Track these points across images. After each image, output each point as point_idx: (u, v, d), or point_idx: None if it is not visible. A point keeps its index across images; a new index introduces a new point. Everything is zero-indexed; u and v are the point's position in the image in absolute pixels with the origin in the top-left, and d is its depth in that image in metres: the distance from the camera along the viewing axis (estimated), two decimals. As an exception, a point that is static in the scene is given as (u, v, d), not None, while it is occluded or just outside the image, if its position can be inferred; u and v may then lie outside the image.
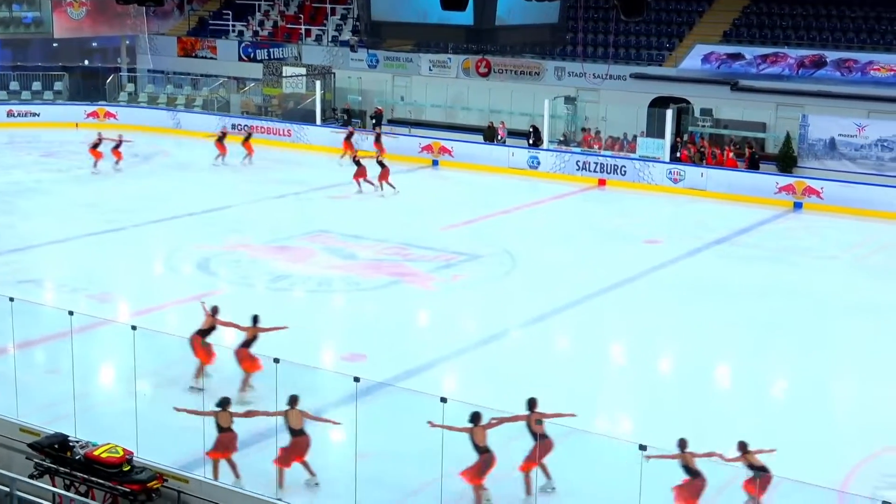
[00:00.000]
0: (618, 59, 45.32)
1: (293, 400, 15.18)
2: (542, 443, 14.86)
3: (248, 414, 15.76)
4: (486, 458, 14.53)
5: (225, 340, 19.24)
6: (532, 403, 15.19)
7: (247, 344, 18.63)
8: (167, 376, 18.91)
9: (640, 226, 32.24)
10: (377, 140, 40.13)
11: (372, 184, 34.93)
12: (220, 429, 15.32)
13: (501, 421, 14.79)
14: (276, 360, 14.90)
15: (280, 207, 33.39)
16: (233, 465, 15.33)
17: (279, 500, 14.31)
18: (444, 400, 14.07)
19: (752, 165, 38.34)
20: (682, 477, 14.19)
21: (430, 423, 14.02)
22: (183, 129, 46.76)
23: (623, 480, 13.52)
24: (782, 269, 27.66)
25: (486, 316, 23.69)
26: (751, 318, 23.46)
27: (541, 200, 35.45)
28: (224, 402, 15.42)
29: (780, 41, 43.58)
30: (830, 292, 25.60)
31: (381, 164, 35.38)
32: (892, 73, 39.94)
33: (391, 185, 34.96)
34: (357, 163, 35.49)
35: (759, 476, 14.06)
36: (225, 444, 15.32)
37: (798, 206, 34.97)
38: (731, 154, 38.82)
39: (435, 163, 41.57)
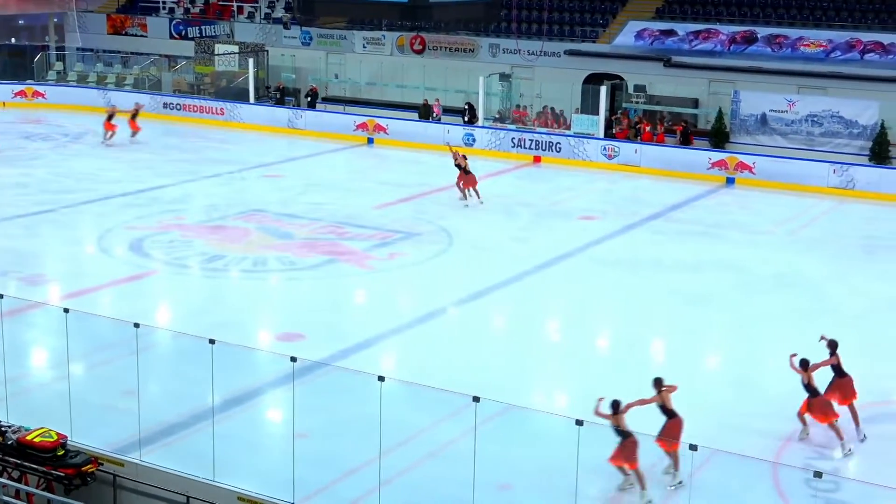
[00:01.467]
0: (552, 36, 45.43)
1: None
2: (674, 420, 15.11)
3: None
4: (631, 440, 14.58)
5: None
6: (658, 382, 15.43)
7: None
8: (100, 359, 18.67)
9: (575, 202, 32.40)
10: None
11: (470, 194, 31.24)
12: None
13: (633, 405, 15.06)
14: (212, 341, 14.78)
15: (214, 187, 33.07)
16: None
17: (215, 481, 14.22)
18: (381, 378, 14.06)
19: (685, 141, 38.67)
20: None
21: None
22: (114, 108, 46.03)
23: (561, 455, 13.59)
24: (715, 243, 27.96)
25: (423, 294, 23.69)
26: (685, 293, 23.69)
27: (478, 178, 35.47)
28: None
29: (712, 17, 43.94)
30: (763, 266, 25.92)
31: (465, 170, 31.13)
32: (821, 48, 40.47)
33: (477, 193, 31.12)
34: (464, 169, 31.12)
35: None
36: None
37: (731, 181, 35.34)
38: (661, 129, 39.11)
39: (370, 141, 41.41)
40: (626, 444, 14.55)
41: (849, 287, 24.52)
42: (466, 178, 31.13)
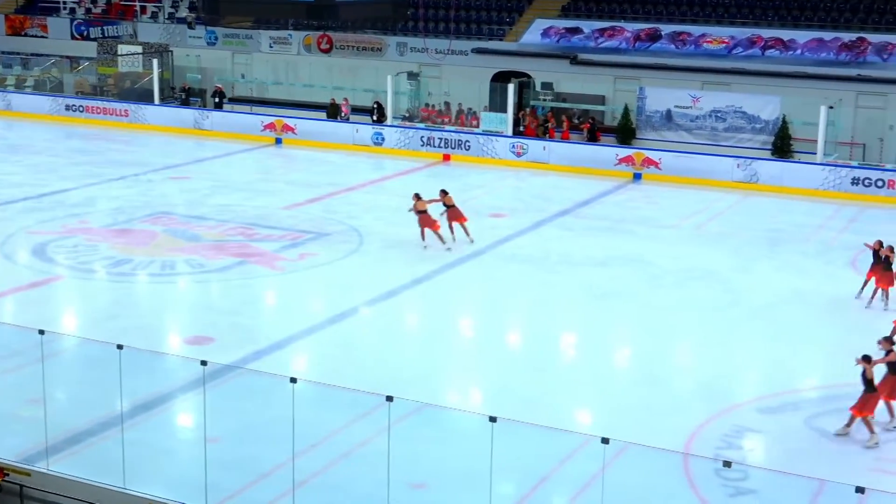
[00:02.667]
0: (459, 34, 45.60)
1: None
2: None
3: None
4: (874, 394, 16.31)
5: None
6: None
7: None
8: (4, 367, 18.26)
9: (485, 200, 32.52)
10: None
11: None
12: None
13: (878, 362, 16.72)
14: (120, 347, 14.55)
15: (119, 189, 32.53)
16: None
17: (126, 489, 14.00)
18: (293, 380, 13.98)
19: (592, 138, 39.06)
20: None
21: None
22: (14, 110, 45.13)
23: (475, 452, 13.63)
24: (623, 238, 28.28)
25: (334, 294, 23.58)
26: (594, 288, 23.93)
27: (386, 177, 35.45)
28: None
29: (617, 15, 44.46)
30: (670, 260, 26.29)
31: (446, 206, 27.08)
32: (723, 45, 41.20)
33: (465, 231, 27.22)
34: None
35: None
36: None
37: (637, 176, 35.79)
38: (566, 126, 39.49)
39: (278, 141, 41.13)
40: (870, 397, 16.23)
41: (754, 279, 24.98)
42: (451, 212, 26.90)
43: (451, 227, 26.78)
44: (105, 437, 15.61)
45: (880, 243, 22.87)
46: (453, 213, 26.88)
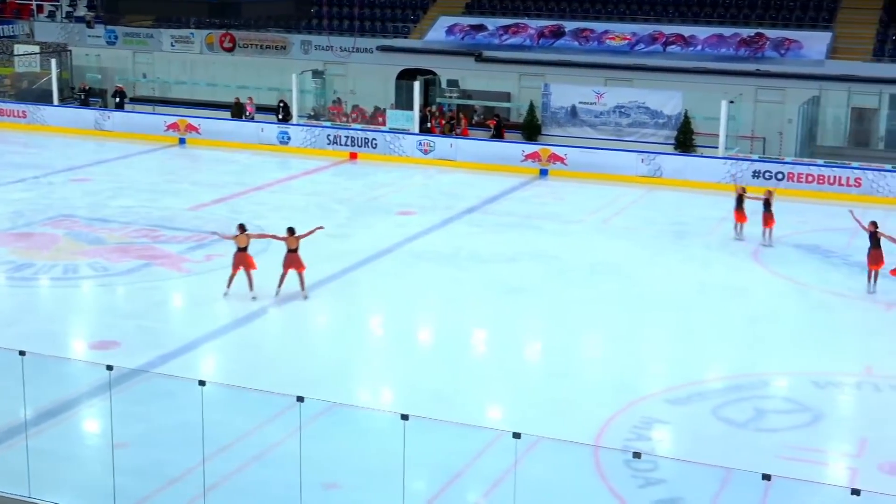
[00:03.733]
0: (364, 32, 45.50)
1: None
2: None
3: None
4: None
5: None
6: None
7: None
8: None
9: (393, 197, 32.49)
10: None
11: None
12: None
13: None
14: (22, 353, 14.23)
15: (18, 193, 31.82)
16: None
17: (32, 497, 13.69)
18: (202, 383, 13.81)
19: (498, 135, 39.25)
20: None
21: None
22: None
23: (387, 450, 13.59)
24: (531, 234, 28.47)
25: (242, 295, 23.31)
26: (503, 284, 24.04)
27: (293, 176, 35.20)
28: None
29: (521, 12, 44.75)
30: (577, 255, 26.54)
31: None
32: (626, 41, 41.70)
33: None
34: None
35: None
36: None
37: (544, 172, 36.05)
38: (465, 123, 39.72)
39: (182, 141, 40.60)
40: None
41: (660, 272, 25.33)
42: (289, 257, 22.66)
43: (283, 276, 22.49)
44: (9, 446, 15.25)
45: (875, 224, 24.15)
46: (291, 258, 22.50)
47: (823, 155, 36.53)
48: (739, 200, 28.03)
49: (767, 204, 27.68)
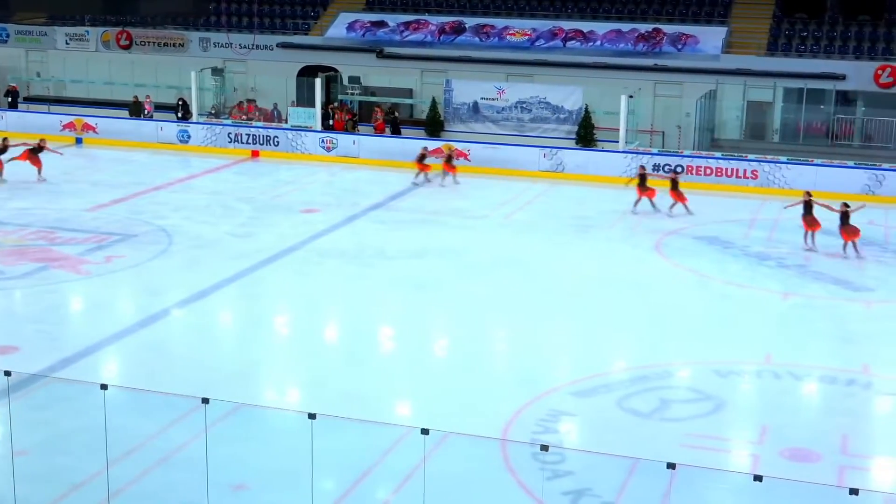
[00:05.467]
0: (263, 29, 45.13)
1: None
2: None
3: None
4: None
5: None
6: None
7: None
8: None
9: (296, 195, 32.28)
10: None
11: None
12: None
13: None
14: None
15: None
16: None
17: (-71, 509, 13.33)
18: (104, 387, 13.53)
19: (395, 131, 39.27)
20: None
21: None
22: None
23: (295, 450, 13.50)
24: (436, 230, 28.51)
25: (144, 296, 22.97)
26: (409, 280, 24.04)
27: (194, 175, 34.77)
28: None
29: (421, 9, 44.77)
30: (482, 250, 26.65)
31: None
32: (526, 37, 41.97)
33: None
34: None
35: None
36: None
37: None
38: (376, 119, 39.74)
39: (79, 140, 39.82)
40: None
41: (564, 266, 25.55)
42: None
43: None
44: None
45: (846, 204, 26.76)
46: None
47: (721, 148, 37.22)
48: (807, 207, 27.53)
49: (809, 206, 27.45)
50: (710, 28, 41.24)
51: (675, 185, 30.39)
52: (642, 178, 30.89)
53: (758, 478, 11.70)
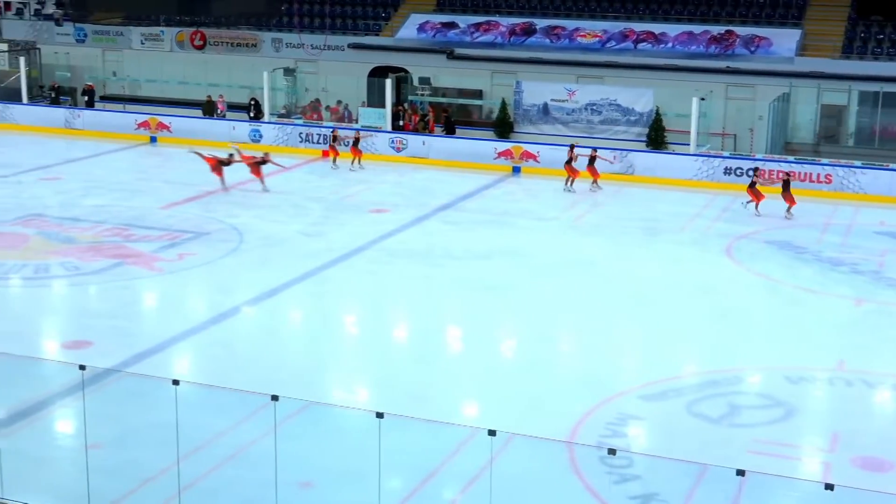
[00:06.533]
0: (335, 29, 45.40)
1: None
2: None
3: None
4: None
5: None
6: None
7: None
8: None
9: (366, 195, 32.42)
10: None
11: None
12: None
13: None
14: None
15: (-12, 192, 31.61)
16: None
17: (4, 498, 13.60)
18: (176, 382, 13.75)
19: (450, 131, 39.36)
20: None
21: None
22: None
23: (362, 448, 13.58)
24: (504, 231, 28.50)
25: (215, 293, 23.26)
26: (477, 281, 24.05)
27: (267, 174, 35.06)
28: None
29: (492, 10, 44.77)
30: (550, 251, 26.58)
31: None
32: (597, 39, 41.79)
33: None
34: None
35: None
36: None
37: (517, 170, 36.09)
38: (429, 119, 40.09)
39: (153, 139, 40.38)
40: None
41: (632, 268, 25.40)
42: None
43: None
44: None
45: (787, 173, 30.91)
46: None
47: (793, 151, 36.75)
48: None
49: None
50: (783, 30, 40.74)
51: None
52: (592, 159, 33.15)
53: (829, 486, 11.56)
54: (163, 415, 13.94)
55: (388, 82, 39.14)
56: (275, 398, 13.30)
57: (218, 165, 30.91)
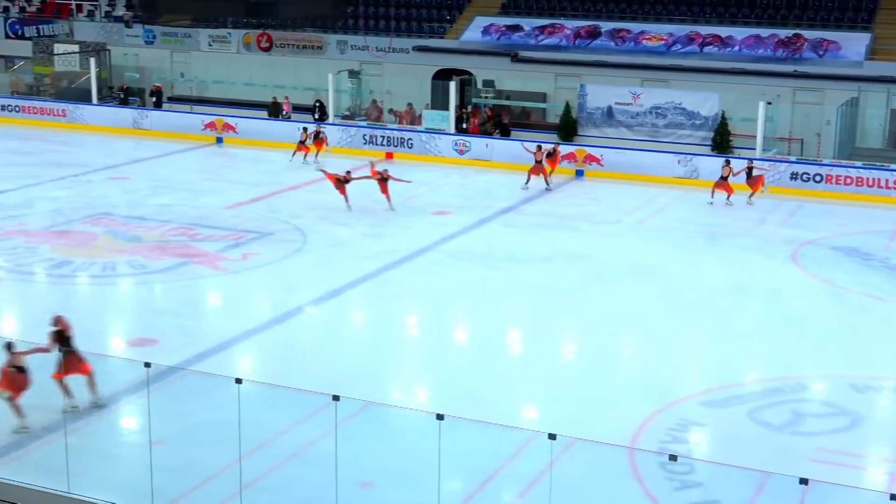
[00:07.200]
0: (400, 32, 45.55)
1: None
2: None
3: None
4: None
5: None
6: None
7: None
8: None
9: (429, 197, 32.50)
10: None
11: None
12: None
13: None
14: (61, 350, 14.36)
15: (58, 191, 32.11)
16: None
17: (70, 493, 13.82)
18: (239, 381, 13.89)
19: (504, 133, 39.32)
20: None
21: None
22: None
23: (422, 449, 13.62)
24: (567, 235, 28.41)
25: (278, 293, 23.46)
26: (538, 284, 24.01)
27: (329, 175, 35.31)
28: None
29: (557, 12, 44.67)
30: (612, 255, 26.46)
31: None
32: (662, 42, 41.53)
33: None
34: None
35: None
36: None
37: (580, 173, 35.96)
38: (476, 121, 40.19)
39: (219, 140, 40.81)
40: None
41: (695, 273, 25.21)
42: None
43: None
44: (48, 442, 15.39)
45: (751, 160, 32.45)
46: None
47: (862, 157, 36.22)
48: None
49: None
50: (853, 34, 40.18)
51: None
52: (552, 153, 34.21)
53: (894, 497, 11.38)
54: (225, 413, 14.07)
55: (453, 85, 39.22)
56: (336, 398, 13.37)
57: (339, 183, 30.43)
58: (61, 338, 16.72)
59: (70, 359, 16.36)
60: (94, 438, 16.05)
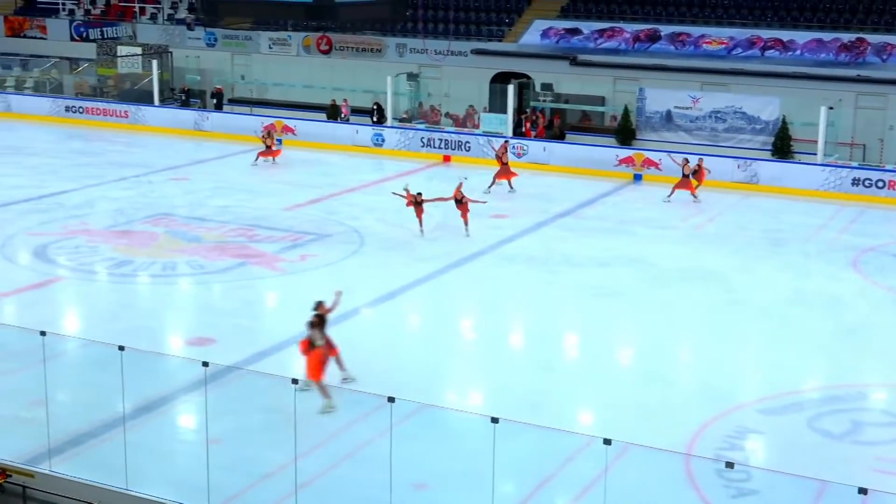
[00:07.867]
0: (458, 35, 45.59)
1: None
2: None
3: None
4: None
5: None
6: None
7: None
8: (6, 368, 18.24)
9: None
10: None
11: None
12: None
13: None
14: (122, 348, 14.56)
15: (120, 191, 32.53)
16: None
17: (128, 490, 14.00)
18: (295, 381, 14.00)
19: (560, 135, 39.19)
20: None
21: None
22: (14, 111, 45.10)
23: (476, 452, 13.62)
24: (624, 239, 28.27)
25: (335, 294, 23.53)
26: (595, 288, 23.92)
27: (387, 178, 35.40)
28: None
29: (616, 16, 44.46)
30: (670, 260, 26.28)
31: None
32: (723, 46, 41.20)
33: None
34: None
35: None
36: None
37: (638, 177, 35.78)
38: (542, 123, 40.09)
39: (278, 142, 41.05)
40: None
41: (754, 279, 24.97)
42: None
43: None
44: (107, 439, 15.60)
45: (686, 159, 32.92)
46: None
47: (925, 163, 35.71)
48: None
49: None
50: (917, 38, 39.62)
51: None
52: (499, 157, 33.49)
53: (955, 508, 11.20)
54: (281, 412, 14.17)
55: (511, 88, 39.18)
56: (391, 400, 13.42)
57: (414, 203, 29.49)
58: (322, 322, 17.62)
59: (328, 342, 17.61)
60: (152, 436, 16.23)
